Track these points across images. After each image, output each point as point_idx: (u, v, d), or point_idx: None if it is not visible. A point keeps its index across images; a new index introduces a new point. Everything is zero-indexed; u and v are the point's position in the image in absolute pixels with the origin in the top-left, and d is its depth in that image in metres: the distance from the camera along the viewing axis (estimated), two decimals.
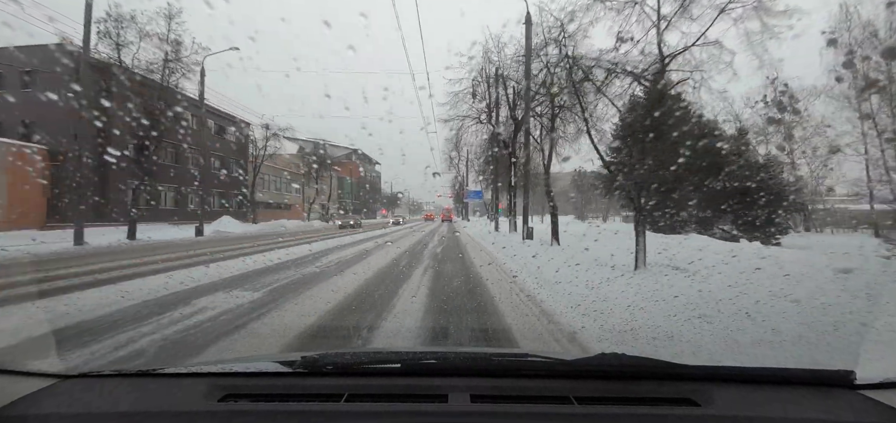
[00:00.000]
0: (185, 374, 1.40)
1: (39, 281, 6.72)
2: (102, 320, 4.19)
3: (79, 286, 6.06)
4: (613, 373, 1.33)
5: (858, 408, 1.16)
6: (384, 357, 1.62)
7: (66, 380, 1.33)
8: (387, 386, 1.31)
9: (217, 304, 4.96)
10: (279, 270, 8.03)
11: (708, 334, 3.73)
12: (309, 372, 1.35)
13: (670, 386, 1.28)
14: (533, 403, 1.19)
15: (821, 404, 1.17)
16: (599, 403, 1.19)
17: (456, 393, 1.22)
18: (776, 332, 3.68)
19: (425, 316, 4.60)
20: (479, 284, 6.77)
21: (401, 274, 7.73)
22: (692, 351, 3.39)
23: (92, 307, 4.72)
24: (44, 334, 3.70)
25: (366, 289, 6.18)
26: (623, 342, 3.62)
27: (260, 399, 1.23)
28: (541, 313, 4.67)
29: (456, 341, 3.82)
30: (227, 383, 1.30)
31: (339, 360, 1.44)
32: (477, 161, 36.76)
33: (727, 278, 5.76)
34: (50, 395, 1.23)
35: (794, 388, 1.27)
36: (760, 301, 4.51)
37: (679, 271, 6.69)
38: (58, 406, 1.18)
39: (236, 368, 1.50)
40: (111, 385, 1.31)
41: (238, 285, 6.24)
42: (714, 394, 1.20)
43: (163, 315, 4.39)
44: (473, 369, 1.42)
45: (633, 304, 4.79)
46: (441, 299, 5.56)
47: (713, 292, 4.97)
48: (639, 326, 4.01)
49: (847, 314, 3.94)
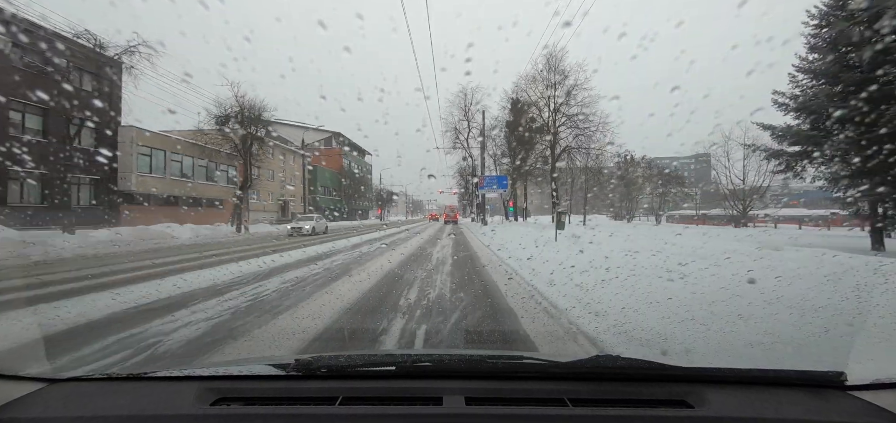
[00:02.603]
0: (176, 378, 1.38)
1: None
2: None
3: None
4: (608, 375, 1.34)
5: (849, 409, 1.18)
6: (378, 360, 1.61)
7: (55, 384, 1.31)
8: (381, 389, 1.30)
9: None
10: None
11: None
12: (303, 376, 1.35)
13: (664, 388, 1.29)
14: (528, 405, 1.20)
15: (812, 404, 1.19)
16: (594, 405, 1.20)
17: (450, 396, 1.22)
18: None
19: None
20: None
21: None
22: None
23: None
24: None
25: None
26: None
27: (253, 403, 1.22)
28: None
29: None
30: (219, 386, 1.28)
31: (333, 363, 1.43)
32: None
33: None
34: (38, 399, 1.22)
35: (786, 389, 1.28)
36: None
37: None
38: (45, 411, 1.17)
39: (229, 371, 1.47)
40: (101, 389, 1.30)
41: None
42: (707, 395, 1.21)
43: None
44: (468, 371, 1.42)
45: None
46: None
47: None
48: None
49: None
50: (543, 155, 28.37)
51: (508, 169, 31.13)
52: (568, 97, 25.67)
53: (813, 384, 1.29)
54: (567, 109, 25.96)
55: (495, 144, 34.26)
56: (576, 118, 25.60)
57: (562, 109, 26.10)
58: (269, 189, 41.95)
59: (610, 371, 1.36)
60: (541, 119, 27.85)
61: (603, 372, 1.36)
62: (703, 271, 6.18)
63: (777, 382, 1.34)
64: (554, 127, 26.51)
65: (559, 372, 1.40)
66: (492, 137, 31.87)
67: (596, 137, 25.45)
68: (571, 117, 25.85)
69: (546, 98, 26.74)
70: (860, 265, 5.95)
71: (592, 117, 25.23)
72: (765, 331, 3.79)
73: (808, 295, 4.72)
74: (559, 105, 26.10)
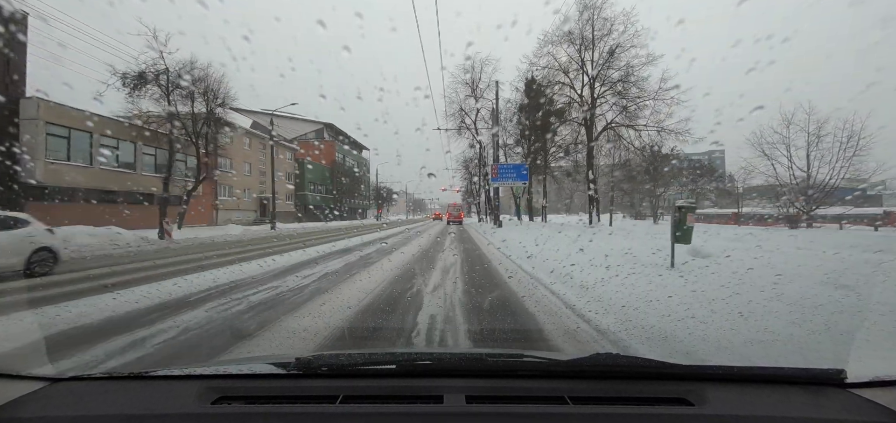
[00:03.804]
0: (177, 376, 1.37)
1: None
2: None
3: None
4: (608, 373, 1.33)
5: (849, 406, 1.16)
6: (379, 358, 1.55)
7: (56, 383, 1.31)
8: (382, 388, 1.29)
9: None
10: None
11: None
12: (303, 374, 1.34)
13: (664, 386, 1.28)
14: (528, 403, 1.19)
15: (812, 402, 1.18)
16: (594, 403, 1.19)
17: (451, 394, 1.22)
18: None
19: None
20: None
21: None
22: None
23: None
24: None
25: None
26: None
27: (254, 401, 1.21)
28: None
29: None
30: (220, 385, 1.29)
31: (334, 362, 1.43)
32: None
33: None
34: (40, 398, 1.22)
35: (786, 387, 1.27)
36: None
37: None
38: (47, 410, 1.16)
39: (230, 370, 1.43)
40: (103, 388, 1.29)
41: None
42: (707, 393, 1.21)
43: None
44: (469, 369, 1.41)
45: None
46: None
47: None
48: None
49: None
50: (575, 139, 22.04)
51: (521, 162, 24.98)
52: (611, 58, 19.16)
53: (813, 382, 1.27)
54: (609, 75, 19.45)
55: (506, 133, 28.33)
56: (627, 83, 18.90)
57: (602, 74, 19.64)
58: (244, 184, 36.14)
59: (610, 369, 1.34)
60: (569, 93, 21.68)
61: (603, 370, 1.33)
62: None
63: (777, 380, 1.32)
64: (592, 98, 20.02)
65: (559, 370, 1.39)
66: (501, 125, 25.81)
67: (650, 109, 18.85)
68: (617, 83, 19.20)
69: (579, 63, 20.28)
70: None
71: (644, 82, 18.57)
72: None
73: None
74: (600, 70, 19.66)
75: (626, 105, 18.95)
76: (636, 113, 18.99)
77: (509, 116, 27.78)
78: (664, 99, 17.80)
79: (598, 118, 20.77)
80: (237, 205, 35.03)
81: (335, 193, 49.65)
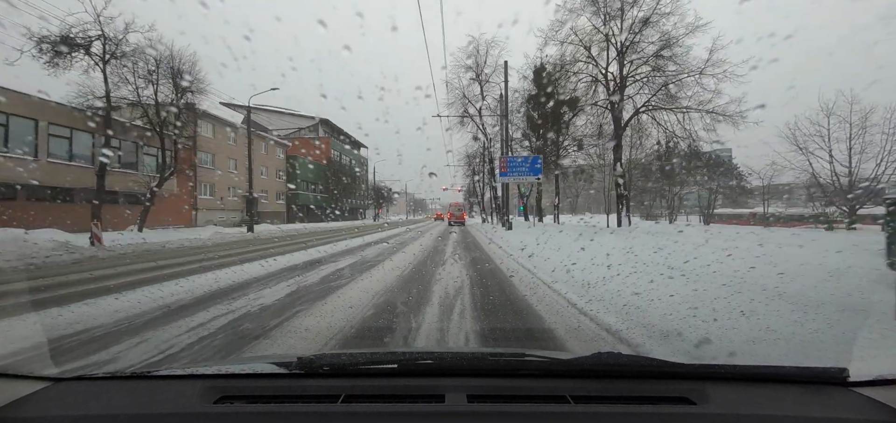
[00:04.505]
0: (180, 376, 1.37)
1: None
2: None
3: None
4: (610, 372, 1.31)
5: (852, 406, 1.14)
6: (381, 358, 1.55)
7: (58, 383, 1.30)
8: (383, 387, 1.28)
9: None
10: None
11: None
12: (305, 374, 1.33)
13: (666, 385, 1.26)
14: (530, 402, 1.17)
15: (815, 401, 1.16)
16: (596, 402, 1.17)
17: (453, 393, 1.20)
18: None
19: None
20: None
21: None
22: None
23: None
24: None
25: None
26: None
27: (256, 401, 1.20)
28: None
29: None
30: (222, 384, 1.27)
31: (336, 361, 1.42)
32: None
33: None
34: (44, 398, 1.21)
35: (788, 386, 1.25)
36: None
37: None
38: (49, 410, 1.15)
39: (232, 369, 1.43)
40: (105, 388, 1.29)
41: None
42: (709, 392, 1.18)
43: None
44: (470, 369, 1.40)
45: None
46: None
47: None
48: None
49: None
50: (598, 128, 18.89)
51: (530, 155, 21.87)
52: (643, 29, 15.94)
53: (815, 381, 1.25)
54: (641, 47, 16.28)
55: (511, 126, 25.26)
56: (663, 58, 15.51)
57: (635, 44, 16.44)
58: (229, 183, 33.21)
59: (612, 368, 1.32)
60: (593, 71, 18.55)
61: (605, 369, 1.31)
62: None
63: (780, 378, 1.30)
64: (621, 77, 16.86)
65: (561, 369, 1.38)
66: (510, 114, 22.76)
67: (689, 90, 15.60)
68: (652, 58, 15.84)
69: (604, 33, 17.13)
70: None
71: (686, 56, 15.27)
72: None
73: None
74: (629, 44, 16.53)
75: (666, 81, 15.63)
76: (675, 94, 15.75)
77: (516, 107, 24.82)
78: (716, 74, 14.55)
79: (625, 102, 17.65)
80: (221, 205, 32.09)
81: (334, 192, 46.82)
